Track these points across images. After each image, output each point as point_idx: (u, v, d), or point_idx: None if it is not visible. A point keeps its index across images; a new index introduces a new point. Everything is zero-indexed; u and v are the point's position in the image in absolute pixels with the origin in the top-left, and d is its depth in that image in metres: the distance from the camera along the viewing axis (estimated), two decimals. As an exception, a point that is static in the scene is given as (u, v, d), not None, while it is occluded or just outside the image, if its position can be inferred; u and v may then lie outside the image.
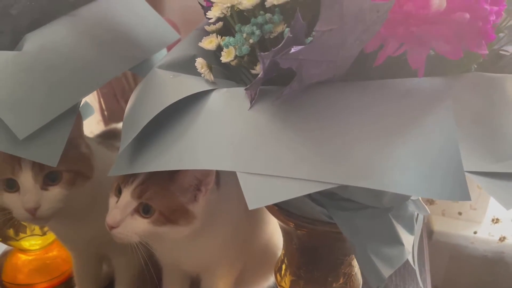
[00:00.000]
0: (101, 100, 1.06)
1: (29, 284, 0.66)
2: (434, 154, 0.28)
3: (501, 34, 0.42)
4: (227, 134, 0.32)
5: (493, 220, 1.01)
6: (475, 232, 1.02)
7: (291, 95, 0.32)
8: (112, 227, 0.43)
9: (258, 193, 0.29)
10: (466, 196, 0.26)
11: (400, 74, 0.34)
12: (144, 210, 0.43)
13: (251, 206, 0.28)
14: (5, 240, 0.65)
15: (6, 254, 0.70)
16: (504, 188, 0.28)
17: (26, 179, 0.44)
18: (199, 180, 0.43)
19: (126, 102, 0.44)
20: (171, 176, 0.43)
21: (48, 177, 0.46)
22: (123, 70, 0.50)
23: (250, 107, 0.32)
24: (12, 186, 0.45)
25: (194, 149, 0.33)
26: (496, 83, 0.34)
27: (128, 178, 0.43)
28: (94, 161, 0.50)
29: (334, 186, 0.28)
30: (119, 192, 0.44)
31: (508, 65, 0.43)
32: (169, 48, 0.59)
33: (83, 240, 0.57)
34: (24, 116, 0.40)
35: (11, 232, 0.63)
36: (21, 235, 0.63)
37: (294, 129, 0.31)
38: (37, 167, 0.45)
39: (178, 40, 0.59)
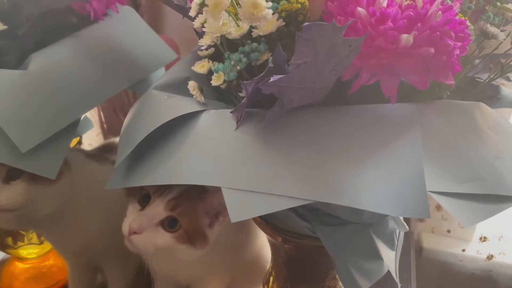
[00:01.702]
0: (101, 113, 1.09)
1: (25, 292, 0.68)
2: (400, 176, 0.31)
3: (477, 61, 0.45)
4: (214, 152, 0.35)
5: (481, 238, 1.03)
6: (463, 250, 1.04)
7: (273, 118, 0.34)
8: (133, 233, 0.43)
9: (240, 207, 0.32)
10: (426, 214, 0.28)
11: (376, 99, 0.37)
12: (169, 224, 0.44)
13: (233, 219, 0.31)
14: (4, 248, 0.67)
15: (3, 262, 0.72)
16: (464, 207, 0.31)
17: None
18: (222, 205, 0.43)
19: (125, 115, 0.47)
20: (200, 195, 0.45)
21: (10, 172, 0.47)
22: (122, 89, 0.53)
23: (236, 128, 0.35)
24: None
25: (184, 165, 0.36)
26: (464, 110, 0.37)
27: (161, 189, 0.43)
28: (68, 171, 0.52)
29: (308, 202, 0.31)
30: (142, 201, 0.44)
31: (483, 91, 0.46)
32: (167, 67, 0.63)
33: (74, 250, 0.59)
34: (27, 131, 0.42)
35: (9, 240, 0.65)
36: (19, 243, 0.66)
37: (275, 149, 0.33)
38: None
39: (176, 59, 0.62)
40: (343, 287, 0.44)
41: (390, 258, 0.49)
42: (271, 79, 0.29)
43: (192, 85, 0.39)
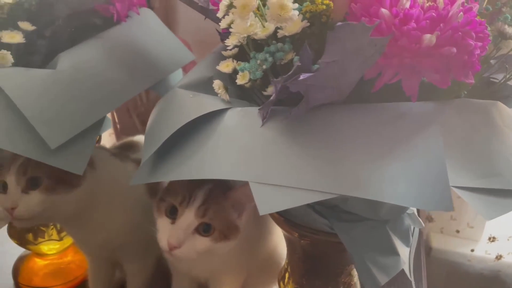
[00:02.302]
0: (114, 114, 1.10)
1: (45, 287, 0.69)
2: (423, 170, 0.32)
3: (493, 61, 0.46)
4: (240, 148, 0.36)
5: (489, 238, 1.04)
6: (472, 250, 1.05)
7: (298, 115, 0.36)
8: (174, 248, 0.44)
9: (267, 201, 0.33)
10: (449, 207, 0.29)
11: (395, 98, 0.38)
12: (204, 229, 0.45)
13: (261, 212, 0.32)
14: (25, 244, 0.68)
15: (22, 258, 0.74)
16: (485, 201, 0.32)
17: (11, 181, 0.48)
18: (248, 196, 0.44)
19: (138, 116, 0.48)
20: (225, 193, 0.46)
21: (30, 182, 0.49)
22: (143, 89, 0.54)
23: (262, 125, 0.36)
24: (4, 188, 0.49)
25: (210, 160, 0.37)
26: (482, 109, 0.38)
27: (186, 199, 0.45)
28: (92, 171, 0.53)
29: (334, 196, 0.32)
30: (170, 214, 0.46)
31: (498, 91, 0.47)
32: (184, 68, 0.64)
33: (96, 245, 0.60)
34: (56, 128, 0.44)
35: (30, 236, 0.67)
36: (40, 239, 0.67)
37: (300, 144, 0.35)
38: (21, 171, 0.48)
39: (193, 61, 0.64)
40: (361, 281, 0.45)
41: (405, 255, 0.50)
42: (301, 77, 0.30)
43: (217, 84, 0.41)
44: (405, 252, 0.50)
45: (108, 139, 1.12)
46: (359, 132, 0.35)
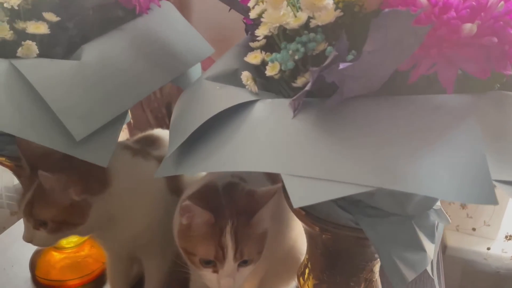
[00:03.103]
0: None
1: (61, 280, 0.69)
2: (462, 162, 0.31)
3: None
4: (271, 140, 0.36)
5: (506, 237, 1.03)
6: (488, 248, 1.04)
7: (331, 106, 0.35)
8: None
9: (301, 194, 0.32)
10: (493, 200, 0.29)
11: (427, 92, 0.37)
12: (244, 262, 0.49)
13: (295, 205, 0.32)
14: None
15: (39, 252, 0.74)
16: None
17: (23, 218, 0.51)
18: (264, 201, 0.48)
19: (152, 111, 0.48)
20: (248, 223, 0.48)
21: (37, 222, 0.51)
22: (166, 82, 0.54)
23: (294, 116, 0.35)
24: None
25: (239, 153, 0.37)
26: (517, 101, 0.37)
27: (219, 252, 0.46)
28: (97, 201, 0.52)
29: (370, 189, 0.31)
30: (206, 264, 0.47)
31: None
32: (203, 63, 0.64)
33: (118, 244, 0.60)
34: (82, 119, 0.44)
35: (48, 229, 0.67)
36: (58, 232, 0.67)
37: (333, 136, 0.34)
38: (28, 212, 0.50)
39: (209, 57, 0.63)
40: (388, 276, 0.45)
41: (430, 251, 0.49)
42: (340, 66, 0.29)
43: (245, 75, 0.40)
44: (430, 249, 0.49)
45: (121, 134, 1.12)
46: (395, 124, 0.34)
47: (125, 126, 1.18)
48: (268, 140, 0.36)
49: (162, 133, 0.67)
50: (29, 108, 0.43)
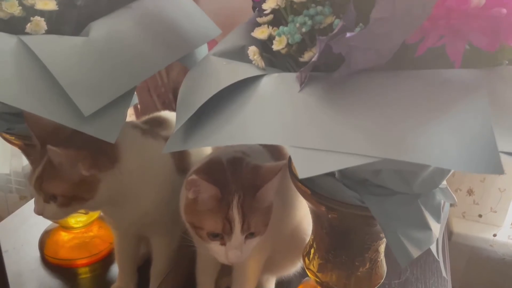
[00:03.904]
0: (135, 94, 1.10)
1: (70, 259, 0.70)
2: (470, 133, 0.31)
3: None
4: (278, 113, 0.36)
5: (513, 223, 1.02)
6: (494, 235, 1.04)
7: (338, 79, 0.35)
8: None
9: (307, 165, 0.33)
10: (499, 170, 0.29)
11: (435, 67, 0.37)
12: (251, 234, 0.50)
13: (302, 176, 0.32)
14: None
15: (48, 232, 0.75)
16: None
17: (34, 192, 0.52)
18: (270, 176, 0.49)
19: (158, 96, 0.48)
20: (254, 197, 0.48)
21: (47, 195, 0.51)
22: (172, 61, 0.54)
23: (300, 90, 0.35)
24: None
25: (246, 126, 0.37)
26: (527, 76, 0.37)
27: (226, 225, 0.47)
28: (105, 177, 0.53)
29: (377, 159, 0.31)
30: (213, 237, 0.48)
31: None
32: (209, 45, 0.64)
33: (127, 222, 0.61)
34: (90, 95, 0.44)
35: (57, 209, 0.68)
36: (67, 212, 0.68)
37: (340, 109, 0.34)
38: (38, 186, 0.51)
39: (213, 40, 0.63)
40: (394, 253, 0.45)
41: (436, 230, 0.49)
42: (347, 35, 0.29)
43: (252, 50, 0.40)
44: (436, 228, 0.49)
45: (128, 119, 1.12)
46: (402, 97, 0.34)
47: (132, 112, 1.18)
48: (275, 113, 0.36)
49: (170, 115, 0.67)
50: (38, 83, 0.43)
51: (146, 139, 0.58)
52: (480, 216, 1.05)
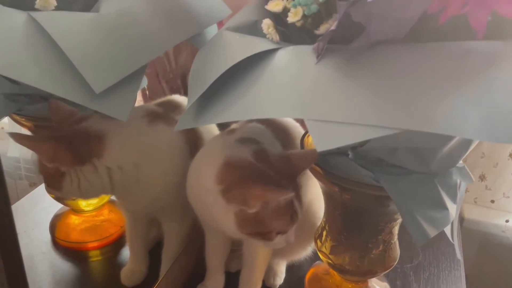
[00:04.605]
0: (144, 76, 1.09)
1: (81, 242, 0.70)
2: (493, 103, 0.30)
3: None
4: (294, 86, 0.35)
5: (526, 209, 1.01)
6: (507, 221, 1.02)
7: (357, 49, 0.34)
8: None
9: (325, 138, 0.32)
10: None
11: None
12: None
13: (319, 149, 0.31)
14: (63, 199, 0.69)
15: (59, 215, 0.75)
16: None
17: None
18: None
19: (167, 82, 0.47)
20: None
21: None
22: (182, 40, 0.53)
23: (317, 61, 0.34)
24: None
25: (261, 100, 0.36)
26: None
27: (295, 217, 0.48)
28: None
29: (397, 131, 0.30)
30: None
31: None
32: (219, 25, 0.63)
33: (138, 207, 0.60)
34: (101, 72, 0.43)
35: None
36: (78, 195, 0.68)
37: (358, 80, 0.33)
38: None
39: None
40: (410, 232, 0.44)
41: (452, 211, 0.48)
42: (368, 1, 0.28)
43: (267, 23, 0.39)
44: (452, 208, 0.48)
45: (136, 105, 1.12)
46: (423, 68, 0.33)
47: (141, 98, 1.18)
48: (291, 86, 0.35)
49: (182, 99, 0.67)
50: (47, 60, 0.43)
51: (154, 127, 0.57)
52: (492, 201, 1.04)
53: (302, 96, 0.34)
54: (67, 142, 0.49)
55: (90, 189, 0.52)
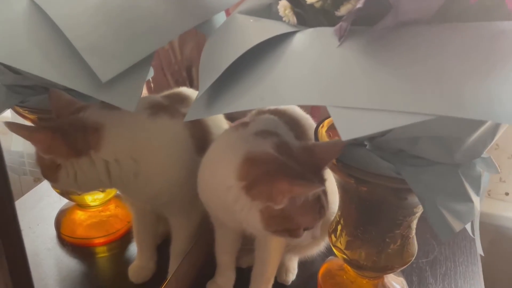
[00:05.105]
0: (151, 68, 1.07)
1: (87, 238, 0.69)
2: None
3: None
4: (314, 71, 0.33)
5: (541, 202, 0.99)
6: (521, 214, 1.00)
7: (380, 34, 0.32)
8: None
9: (350, 126, 0.29)
10: None
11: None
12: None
13: (344, 137, 0.29)
14: (68, 194, 0.67)
15: (64, 211, 0.73)
16: None
17: None
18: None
19: (172, 75, 0.45)
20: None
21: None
22: (190, 27, 0.50)
23: (340, 44, 0.32)
24: None
25: (279, 87, 0.34)
26: None
27: (323, 211, 0.46)
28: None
29: (429, 117, 0.28)
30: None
31: None
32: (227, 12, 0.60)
33: (142, 198, 0.58)
34: (107, 60, 0.41)
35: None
36: (83, 190, 0.66)
37: (386, 63, 0.31)
38: None
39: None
40: (433, 227, 0.42)
41: (477, 203, 0.46)
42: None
43: (283, 5, 0.37)
44: (476, 201, 0.46)
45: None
46: (454, 50, 0.31)
47: (145, 91, 1.16)
48: (312, 71, 0.33)
49: (190, 91, 0.64)
50: (50, 47, 0.41)
51: (156, 120, 0.54)
52: (506, 194, 1.02)
53: (324, 81, 0.32)
54: (63, 132, 0.47)
55: (87, 182, 0.50)
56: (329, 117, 0.57)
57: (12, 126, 0.45)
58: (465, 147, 0.42)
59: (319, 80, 0.32)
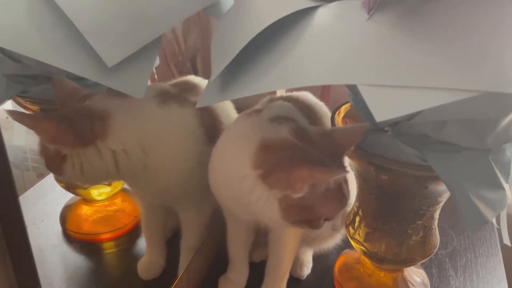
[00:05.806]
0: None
1: (93, 233, 0.66)
2: None
3: None
4: (341, 47, 0.30)
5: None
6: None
7: (413, 5, 0.29)
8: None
9: (385, 105, 0.27)
10: None
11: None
12: None
13: (379, 118, 0.26)
14: (74, 188, 0.65)
15: (69, 206, 0.71)
16: None
17: None
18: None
19: (176, 66, 0.42)
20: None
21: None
22: (197, 10, 0.47)
23: (369, 17, 0.29)
24: None
25: (302, 66, 0.31)
26: None
27: (344, 201, 0.44)
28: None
29: (473, 94, 0.25)
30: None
31: None
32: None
33: (150, 191, 0.56)
34: (113, 44, 0.38)
35: (79, 181, 0.63)
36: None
37: (420, 37, 0.28)
38: None
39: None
40: (464, 216, 0.39)
41: (508, 191, 0.43)
42: None
43: (303, -22, 0.34)
44: (507, 188, 0.43)
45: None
46: (494, 21, 0.28)
47: (149, 82, 1.13)
48: (338, 48, 0.30)
49: (198, 79, 0.61)
50: (54, 31, 0.38)
51: (165, 108, 0.51)
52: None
53: (352, 58, 0.29)
54: (69, 121, 0.44)
55: (93, 174, 0.48)
56: (345, 103, 0.54)
57: (15, 115, 0.43)
58: (497, 130, 0.39)
59: (348, 57, 0.29)
